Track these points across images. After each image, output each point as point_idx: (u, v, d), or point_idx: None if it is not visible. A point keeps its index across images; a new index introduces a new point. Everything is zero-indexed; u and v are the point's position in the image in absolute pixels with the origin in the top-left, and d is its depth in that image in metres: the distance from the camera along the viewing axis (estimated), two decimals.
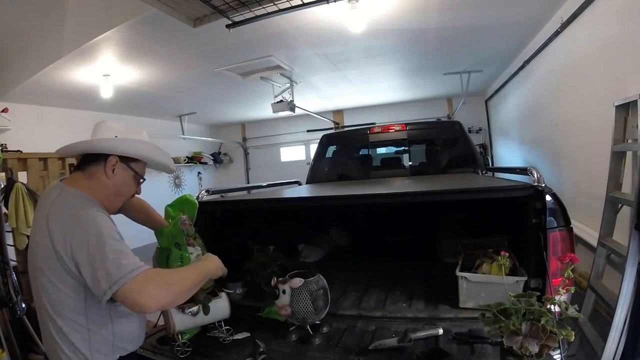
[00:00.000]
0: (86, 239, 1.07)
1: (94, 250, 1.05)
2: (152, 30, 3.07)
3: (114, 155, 1.25)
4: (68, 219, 1.11)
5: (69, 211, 1.13)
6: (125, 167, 1.28)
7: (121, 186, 1.29)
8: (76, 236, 1.07)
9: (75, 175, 1.28)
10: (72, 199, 1.17)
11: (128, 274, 1.03)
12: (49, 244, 1.08)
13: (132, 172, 1.30)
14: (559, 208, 1.59)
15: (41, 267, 1.11)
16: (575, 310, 1.24)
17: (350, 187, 2.89)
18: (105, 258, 1.04)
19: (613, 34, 2.42)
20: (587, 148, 2.88)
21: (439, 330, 1.60)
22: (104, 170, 1.24)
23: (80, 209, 1.13)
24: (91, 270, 1.04)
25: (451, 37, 3.85)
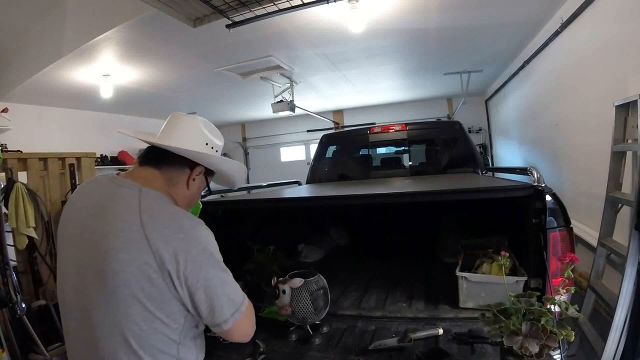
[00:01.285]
0: (202, 258, 0.92)
1: (213, 273, 0.93)
2: (152, 30, 3.07)
3: (202, 166, 1.11)
4: (175, 232, 0.90)
5: (171, 221, 0.92)
6: (203, 180, 1.16)
7: (192, 197, 1.14)
8: (191, 254, 0.89)
9: (149, 174, 1.04)
10: (166, 205, 0.98)
11: (244, 301, 0.99)
12: (153, 262, 0.87)
13: (205, 184, 1.18)
14: (559, 208, 1.58)
15: (134, 291, 0.87)
16: (575, 310, 1.24)
17: (350, 187, 2.89)
18: (225, 282, 0.95)
19: (613, 34, 2.42)
20: (587, 148, 2.88)
21: (439, 330, 1.60)
22: (187, 180, 1.09)
23: (184, 219, 0.95)
24: (210, 295, 0.91)
25: (451, 37, 3.85)
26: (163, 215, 0.93)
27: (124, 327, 0.89)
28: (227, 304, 0.93)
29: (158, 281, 0.87)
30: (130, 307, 0.88)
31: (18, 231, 2.48)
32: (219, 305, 0.92)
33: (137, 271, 0.87)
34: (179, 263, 0.88)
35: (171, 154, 1.05)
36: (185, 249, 0.89)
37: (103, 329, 0.90)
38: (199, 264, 0.90)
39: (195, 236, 0.93)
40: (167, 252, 0.87)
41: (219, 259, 0.96)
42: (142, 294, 0.87)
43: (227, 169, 1.18)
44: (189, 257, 0.89)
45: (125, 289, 0.87)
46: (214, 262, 0.94)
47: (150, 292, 0.88)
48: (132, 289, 0.87)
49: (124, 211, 0.92)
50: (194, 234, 0.93)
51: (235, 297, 0.96)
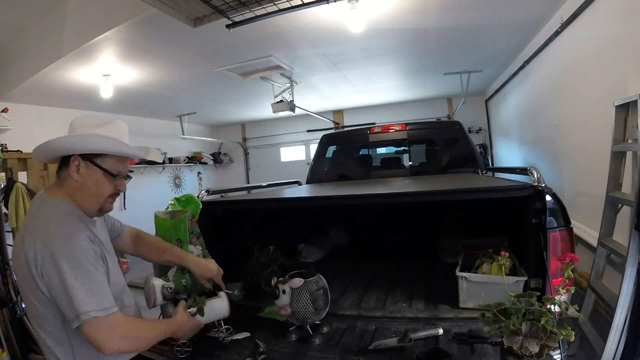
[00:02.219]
0: (58, 262, 1.04)
1: (66, 276, 1.03)
2: (152, 30, 3.07)
3: (75, 155, 1.17)
4: (41, 237, 1.07)
5: (43, 228, 1.10)
6: (90, 166, 1.18)
7: (94, 187, 1.19)
8: (47, 258, 1.04)
9: (54, 182, 1.24)
10: (49, 211, 1.14)
11: (97, 310, 1.04)
12: (24, 262, 1.07)
13: (99, 170, 1.19)
14: (559, 208, 1.58)
15: (19, 281, 1.12)
16: (575, 310, 1.24)
17: (350, 187, 2.89)
18: (74, 286, 1.03)
19: (613, 34, 2.42)
20: (587, 148, 2.88)
21: (439, 330, 1.60)
22: (69, 173, 1.18)
23: (55, 225, 1.10)
24: (63, 294, 1.04)
25: (451, 37, 3.85)
26: (39, 222, 1.12)
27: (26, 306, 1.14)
28: (73, 305, 1.03)
29: (28, 276, 1.06)
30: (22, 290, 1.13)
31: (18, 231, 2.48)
32: (66, 305, 1.04)
33: (19, 265, 1.10)
34: (37, 266, 1.05)
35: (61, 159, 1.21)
36: (43, 254, 1.04)
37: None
38: (55, 268, 1.04)
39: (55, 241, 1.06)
40: (32, 256, 1.05)
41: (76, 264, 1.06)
42: (23, 283, 1.10)
43: (98, 145, 1.18)
44: (45, 260, 1.04)
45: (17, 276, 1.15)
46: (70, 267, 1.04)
47: (25, 282, 1.08)
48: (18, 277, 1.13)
49: (27, 218, 1.19)
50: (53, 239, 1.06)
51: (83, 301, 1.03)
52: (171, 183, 7.54)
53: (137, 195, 6.25)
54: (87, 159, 1.18)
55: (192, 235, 1.70)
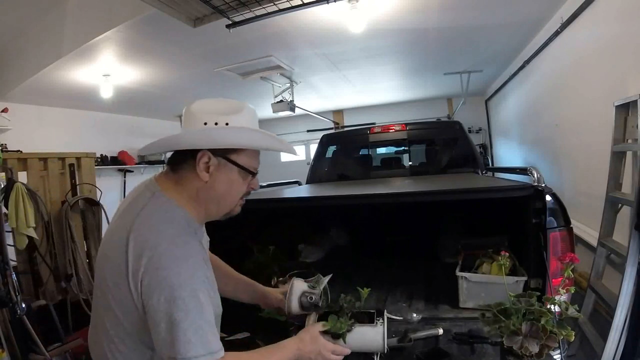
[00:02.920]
0: (170, 289, 0.81)
1: (174, 309, 0.80)
2: (152, 30, 3.07)
3: (204, 151, 0.93)
4: (152, 249, 0.84)
5: (155, 237, 0.86)
6: (225, 163, 0.96)
7: (227, 187, 0.98)
8: (155, 278, 0.82)
9: (168, 174, 1.00)
10: (161, 215, 0.90)
11: (204, 356, 0.83)
12: (123, 270, 0.84)
13: (236, 167, 0.97)
14: (559, 208, 1.58)
15: (108, 285, 0.88)
16: (575, 310, 1.24)
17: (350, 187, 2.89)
18: (181, 322, 0.80)
19: (613, 34, 2.42)
20: (587, 148, 2.88)
21: (439, 330, 1.60)
22: (196, 172, 0.94)
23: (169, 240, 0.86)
24: (164, 327, 0.81)
25: (451, 37, 3.85)
26: (146, 227, 0.87)
27: (103, 312, 0.90)
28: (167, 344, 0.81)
29: (123, 287, 0.84)
30: (105, 295, 0.89)
31: (18, 231, 2.48)
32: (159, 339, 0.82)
33: (113, 270, 0.86)
34: (139, 283, 0.83)
35: (174, 153, 0.99)
36: (150, 272, 0.82)
37: (95, 315, 0.95)
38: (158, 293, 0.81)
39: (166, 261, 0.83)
40: (135, 268, 0.83)
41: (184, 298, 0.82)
42: (112, 291, 0.87)
43: (239, 139, 0.95)
44: (152, 281, 0.82)
45: (103, 278, 0.89)
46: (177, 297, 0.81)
47: (117, 291, 0.86)
48: (106, 280, 0.88)
49: (130, 212, 0.91)
50: (165, 256, 0.83)
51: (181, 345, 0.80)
52: None
53: None
54: (220, 154, 0.95)
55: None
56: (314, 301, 1.35)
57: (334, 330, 1.26)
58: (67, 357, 2.49)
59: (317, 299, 1.36)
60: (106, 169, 5.84)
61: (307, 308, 1.37)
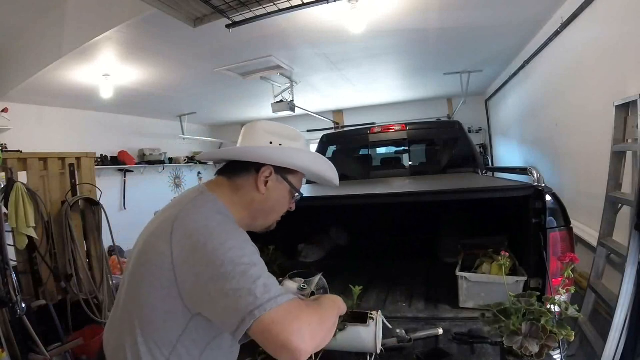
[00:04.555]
0: (220, 253, 0.81)
1: (230, 268, 0.78)
2: (152, 30, 3.07)
3: (268, 166, 1.01)
4: (199, 230, 0.85)
5: (203, 221, 0.87)
6: (282, 180, 1.04)
7: (275, 203, 1.06)
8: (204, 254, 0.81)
9: (219, 181, 1.04)
10: (209, 207, 0.93)
11: (275, 298, 0.77)
12: (168, 258, 0.84)
13: (288, 186, 1.06)
14: (559, 208, 1.59)
15: (145, 276, 0.88)
16: (575, 310, 1.24)
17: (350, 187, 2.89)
18: (247, 274, 0.78)
19: (613, 34, 2.42)
20: (587, 148, 2.88)
21: (439, 330, 1.60)
22: (256, 184, 1.01)
23: (217, 222, 0.88)
24: (224, 294, 0.77)
25: (451, 37, 3.84)
26: (194, 214, 0.89)
27: (134, 304, 0.90)
28: (245, 299, 0.76)
29: (168, 278, 0.84)
30: (140, 287, 0.89)
31: (18, 231, 2.48)
32: (231, 305, 0.77)
33: (155, 259, 0.87)
34: (187, 271, 0.82)
35: (235, 162, 1.04)
36: (192, 256, 0.83)
37: (123, 298, 0.94)
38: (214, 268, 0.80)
39: (206, 248, 0.82)
40: (181, 256, 0.83)
41: (243, 254, 0.82)
42: (151, 282, 0.87)
43: (303, 161, 1.06)
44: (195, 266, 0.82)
45: (141, 267, 0.90)
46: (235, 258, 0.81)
47: (158, 282, 0.86)
48: (144, 270, 0.89)
49: (175, 206, 0.94)
50: (212, 237, 0.83)
51: (259, 292, 0.76)
52: (171, 183, 7.53)
53: (137, 195, 6.26)
54: (280, 172, 1.03)
55: None
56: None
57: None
58: (67, 357, 2.49)
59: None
60: (106, 169, 5.84)
61: None
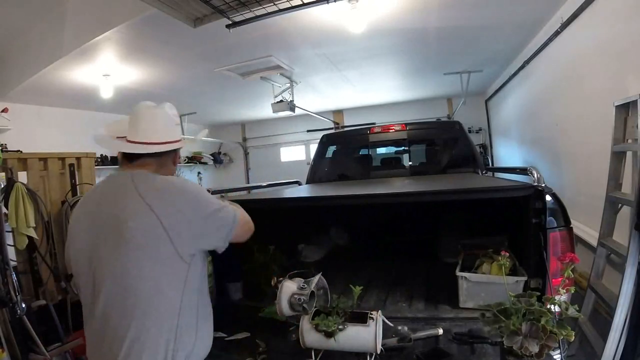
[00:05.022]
0: (193, 204, 1.12)
1: (205, 203, 1.14)
2: (152, 30, 3.07)
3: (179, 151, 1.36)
4: (170, 197, 1.12)
5: (164, 190, 1.13)
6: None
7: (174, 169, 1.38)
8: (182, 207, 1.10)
9: (143, 162, 1.22)
10: (156, 178, 1.18)
11: (235, 212, 1.20)
12: (159, 226, 1.05)
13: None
14: (559, 208, 1.59)
15: (141, 255, 1.05)
16: (575, 310, 1.24)
17: (350, 187, 2.89)
18: (216, 201, 1.18)
19: (613, 34, 2.42)
20: (587, 148, 2.88)
21: (439, 330, 1.60)
22: (173, 162, 1.34)
23: (173, 181, 1.18)
24: (210, 218, 1.13)
25: (451, 37, 3.84)
26: (156, 185, 1.13)
27: (130, 294, 1.04)
28: (226, 213, 1.17)
29: (163, 240, 1.05)
30: (136, 269, 1.04)
31: (18, 231, 2.48)
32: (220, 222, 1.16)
33: (145, 234, 1.05)
34: (181, 216, 1.08)
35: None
36: (184, 204, 1.10)
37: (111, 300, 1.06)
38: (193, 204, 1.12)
39: (186, 190, 1.15)
40: (169, 212, 1.07)
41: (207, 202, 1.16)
42: (149, 255, 1.05)
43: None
44: (186, 208, 1.10)
45: (137, 251, 1.05)
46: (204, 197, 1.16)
47: (156, 250, 1.05)
48: (142, 250, 1.05)
49: (124, 192, 1.11)
50: (184, 189, 1.15)
51: (225, 221, 1.17)
52: None
53: None
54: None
55: None
56: (303, 302, 1.36)
57: (322, 327, 1.29)
58: (67, 357, 2.49)
59: (305, 300, 1.37)
60: (106, 169, 5.83)
61: (296, 309, 1.38)
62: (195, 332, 1.13)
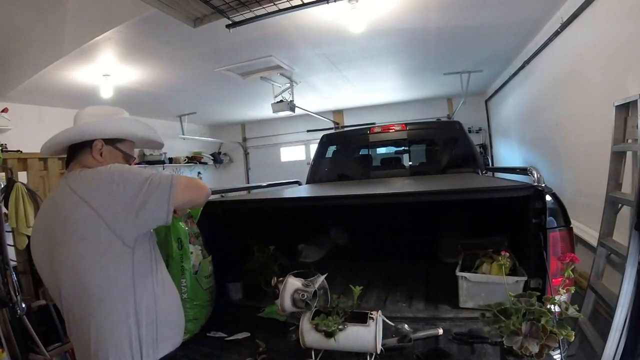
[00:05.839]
0: (120, 181, 1.09)
1: (133, 177, 1.10)
2: (152, 30, 3.07)
3: (98, 140, 1.23)
4: (97, 182, 1.11)
5: (90, 178, 1.13)
6: (112, 149, 1.26)
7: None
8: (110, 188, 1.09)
9: (71, 167, 1.25)
10: (85, 171, 1.17)
11: (173, 175, 1.14)
12: (93, 214, 1.06)
13: (120, 153, 1.28)
14: (559, 208, 1.59)
15: (84, 247, 1.07)
16: (575, 310, 1.24)
17: (350, 187, 2.89)
18: (146, 172, 1.14)
19: (613, 34, 2.42)
20: (587, 148, 2.88)
21: (439, 330, 1.60)
22: (92, 156, 1.23)
23: (103, 171, 1.14)
24: (143, 189, 1.08)
25: (451, 37, 3.84)
26: (84, 178, 1.14)
27: (85, 285, 1.07)
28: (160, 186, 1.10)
29: (100, 228, 1.06)
30: (84, 260, 1.07)
31: (18, 231, 2.48)
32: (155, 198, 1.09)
33: (84, 226, 1.06)
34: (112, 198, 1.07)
35: (76, 145, 1.25)
36: (107, 188, 1.08)
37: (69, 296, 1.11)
38: (123, 186, 1.09)
39: (106, 173, 1.11)
40: (98, 199, 1.07)
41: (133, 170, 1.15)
42: (92, 245, 1.07)
43: (122, 129, 1.29)
44: (112, 190, 1.08)
45: (81, 243, 1.07)
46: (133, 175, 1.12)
47: (96, 239, 1.06)
48: (82, 243, 1.07)
49: (62, 194, 1.14)
50: (103, 173, 1.12)
51: (163, 178, 1.12)
52: None
53: None
54: (110, 143, 1.25)
55: (191, 235, 1.70)
56: (307, 299, 1.37)
57: (322, 327, 1.29)
58: (67, 357, 2.49)
59: (309, 297, 1.37)
60: None
61: (299, 306, 1.38)
62: (155, 314, 1.14)
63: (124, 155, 1.29)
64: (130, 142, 1.33)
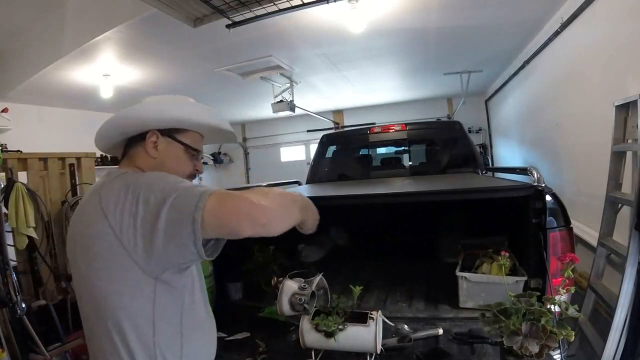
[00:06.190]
0: (135, 194, 0.85)
1: (160, 195, 0.83)
2: (152, 30, 3.07)
3: (153, 131, 0.99)
4: (117, 193, 0.87)
5: (119, 185, 0.89)
6: (170, 141, 1.01)
7: (173, 164, 1.02)
8: (125, 202, 0.85)
9: (122, 163, 1.06)
10: (120, 176, 0.94)
11: (203, 193, 0.81)
12: (110, 232, 0.84)
13: (181, 145, 1.03)
14: (559, 208, 1.59)
15: (100, 267, 0.87)
16: (575, 310, 1.24)
17: (350, 187, 2.89)
18: (175, 189, 0.83)
19: (613, 34, 2.42)
20: (587, 148, 2.88)
21: (439, 330, 1.60)
22: (146, 151, 0.99)
23: (132, 180, 0.90)
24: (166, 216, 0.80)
25: (451, 37, 3.85)
26: (114, 185, 0.90)
27: (96, 301, 0.89)
28: (185, 205, 0.80)
29: (116, 248, 0.84)
30: (100, 280, 0.87)
31: (18, 231, 2.47)
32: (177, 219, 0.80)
33: (100, 243, 0.86)
34: (127, 217, 0.83)
35: (128, 142, 1.04)
36: (125, 201, 0.85)
37: (89, 314, 0.93)
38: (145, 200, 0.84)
39: (134, 186, 0.87)
40: (117, 214, 0.84)
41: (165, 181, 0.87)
42: (107, 267, 0.86)
43: (179, 115, 1.03)
44: (134, 206, 0.84)
45: (97, 262, 0.87)
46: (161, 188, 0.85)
47: (112, 262, 0.85)
48: (97, 261, 0.87)
49: (90, 197, 0.94)
50: (132, 185, 0.87)
51: (190, 195, 0.82)
52: None
53: None
54: (167, 134, 1.01)
55: None
56: (304, 302, 1.35)
57: (322, 327, 1.29)
58: (67, 357, 2.49)
59: (306, 301, 1.36)
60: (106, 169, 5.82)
61: (297, 309, 1.37)
62: (180, 351, 0.93)
63: (186, 149, 1.03)
64: (194, 133, 1.07)
